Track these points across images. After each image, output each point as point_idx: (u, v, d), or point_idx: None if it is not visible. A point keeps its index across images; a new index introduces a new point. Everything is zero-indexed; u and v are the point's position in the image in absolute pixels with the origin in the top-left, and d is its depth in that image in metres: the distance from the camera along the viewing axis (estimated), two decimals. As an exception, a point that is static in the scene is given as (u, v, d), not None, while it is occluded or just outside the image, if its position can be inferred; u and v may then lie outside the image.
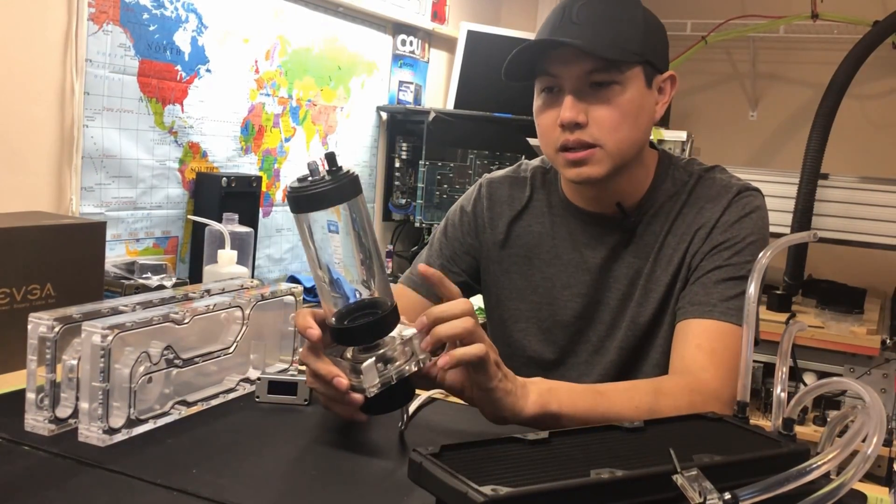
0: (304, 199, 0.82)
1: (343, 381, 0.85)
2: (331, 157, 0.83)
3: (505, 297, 1.24)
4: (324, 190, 0.82)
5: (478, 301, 1.42)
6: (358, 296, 0.87)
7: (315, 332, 0.86)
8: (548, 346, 1.21)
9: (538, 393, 0.90)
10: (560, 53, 1.05)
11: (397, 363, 0.86)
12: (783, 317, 2.60)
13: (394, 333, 0.88)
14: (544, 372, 1.19)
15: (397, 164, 2.71)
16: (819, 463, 0.66)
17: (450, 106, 2.84)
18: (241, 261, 1.44)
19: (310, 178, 0.82)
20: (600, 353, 1.18)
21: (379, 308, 0.87)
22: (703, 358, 1.03)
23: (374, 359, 0.84)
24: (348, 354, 0.89)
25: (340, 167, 0.83)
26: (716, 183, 1.15)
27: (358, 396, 0.86)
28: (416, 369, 0.87)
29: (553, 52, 1.06)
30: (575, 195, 1.19)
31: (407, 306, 1.17)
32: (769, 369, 2.57)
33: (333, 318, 0.87)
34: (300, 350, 0.92)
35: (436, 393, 1.05)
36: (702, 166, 1.19)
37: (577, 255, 1.19)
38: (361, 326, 0.86)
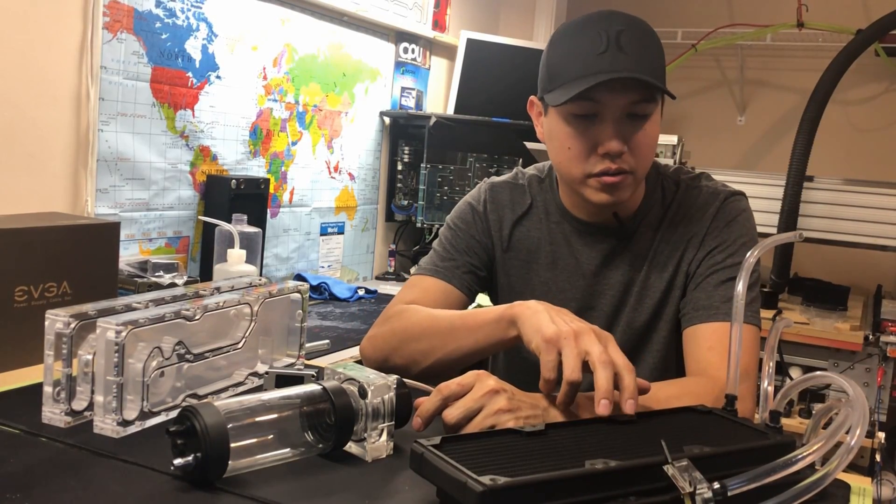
0: None
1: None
2: None
3: (504, 298, 1.26)
4: None
5: (484, 300, 1.43)
6: None
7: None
8: None
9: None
10: (608, 82, 1.01)
11: None
12: (770, 314, 2.61)
13: None
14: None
15: (399, 167, 2.74)
16: (804, 454, 0.68)
17: (450, 111, 2.86)
18: (249, 260, 1.45)
19: None
20: None
21: None
22: (718, 359, 1.04)
23: None
24: None
25: None
26: (703, 191, 1.18)
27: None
28: None
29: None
30: (574, 205, 1.20)
31: (439, 299, 1.20)
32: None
33: None
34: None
35: None
36: (688, 175, 1.21)
37: (572, 261, 1.21)
38: None
